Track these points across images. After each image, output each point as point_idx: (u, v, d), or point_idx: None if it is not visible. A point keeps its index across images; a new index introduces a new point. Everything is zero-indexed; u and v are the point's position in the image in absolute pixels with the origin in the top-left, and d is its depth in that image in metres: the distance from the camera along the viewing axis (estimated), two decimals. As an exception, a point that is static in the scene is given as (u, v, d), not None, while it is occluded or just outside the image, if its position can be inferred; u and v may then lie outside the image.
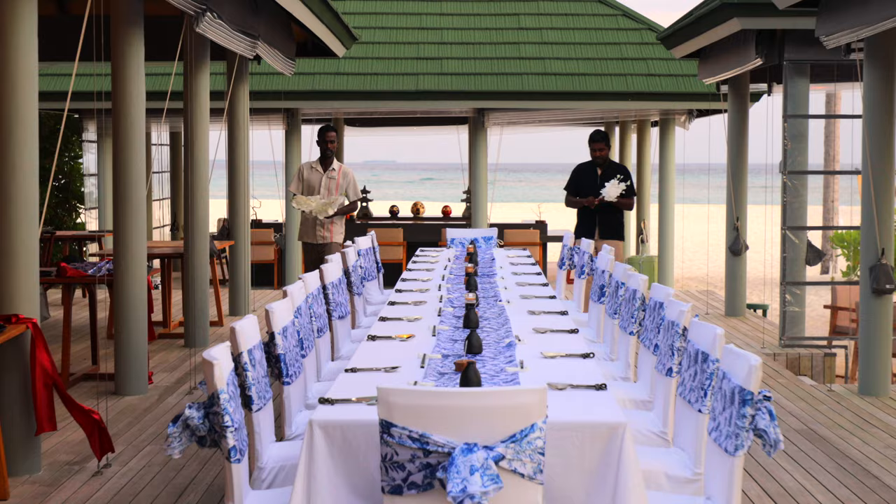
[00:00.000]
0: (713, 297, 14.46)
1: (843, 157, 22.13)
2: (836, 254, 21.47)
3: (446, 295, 7.07)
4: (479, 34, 16.98)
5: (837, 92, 20.30)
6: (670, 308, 5.49)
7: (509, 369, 4.59)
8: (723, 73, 11.49)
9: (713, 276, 21.73)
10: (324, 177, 10.52)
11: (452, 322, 5.96)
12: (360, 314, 8.49)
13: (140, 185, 8.28)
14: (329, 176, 10.52)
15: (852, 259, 18.89)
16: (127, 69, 8.19)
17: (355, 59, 16.20)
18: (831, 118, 10.32)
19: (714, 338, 4.49)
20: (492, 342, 5.30)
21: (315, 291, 6.64)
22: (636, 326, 6.55)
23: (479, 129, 16.26)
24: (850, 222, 24.85)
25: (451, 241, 11.29)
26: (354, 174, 10.77)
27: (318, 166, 10.56)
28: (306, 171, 10.62)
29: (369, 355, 5.06)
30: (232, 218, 12.37)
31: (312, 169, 10.59)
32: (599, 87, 15.68)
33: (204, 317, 10.42)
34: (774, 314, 15.14)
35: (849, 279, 19.85)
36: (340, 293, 7.42)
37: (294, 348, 5.46)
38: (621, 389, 5.97)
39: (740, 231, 12.43)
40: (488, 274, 8.36)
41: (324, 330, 6.62)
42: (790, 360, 10.13)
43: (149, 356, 9.75)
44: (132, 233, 8.23)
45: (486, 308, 6.50)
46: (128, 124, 8.22)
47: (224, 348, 4.20)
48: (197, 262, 10.36)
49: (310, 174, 10.59)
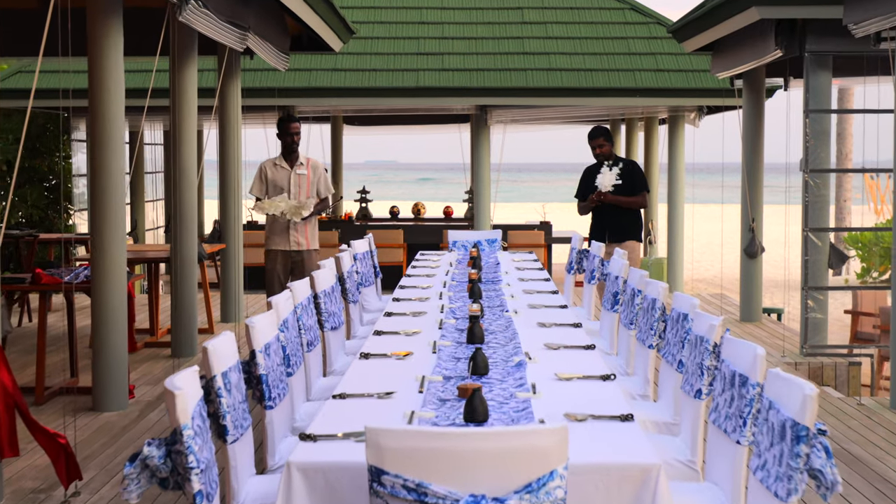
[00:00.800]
0: (726, 301, 13.88)
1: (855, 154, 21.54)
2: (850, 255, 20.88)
3: (448, 304, 6.50)
4: (481, 28, 16.40)
5: (850, 87, 19.72)
6: (698, 321, 4.92)
7: (520, 395, 4.02)
8: (738, 66, 10.91)
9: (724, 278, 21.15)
10: (292, 174, 9.42)
11: (455, 336, 5.40)
12: (355, 323, 7.93)
13: (119, 186, 7.71)
14: (297, 172, 9.45)
15: (867, 260, 18.32)
16: (104, 64, 7.64)
17: (353, 55, 15.63)
18: (860, 113, 9.70)
19: (754, 358, 3.92)
20: (499, 360, 4.73)
21: (305, 301, 6.07)
22: (656, 339, 5.98)
23: (481, 127, 15.67)
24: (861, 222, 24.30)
25: (452, 243, 10.72)
26: (324, 168, 9.81)
27: (282, 163, 9.46)
28: (270, 170, 9.47)
29: (361, 377, 4.49)
30: (223, 220, 11.80)
31: (276, 167, 9.46)
32: (606, 83, 15.11)
33: (192, 325, 9.85)
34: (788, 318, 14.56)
35: (863, 281, 19.28)
36: (333, 302, 6.85)
37: (278, 367, 4.89)
38: (641, 409, 5.40)
39: (756, 233, 11.85)
40: (493, 280, 7.79)
41: (314, 343, 6.05)
42: (812, 370, 9.55)
43: (131, 368, 9.20)
44: (111, 237, 7.67)
45: (491, 319, 5.94)
46: (105, 122, 7.66)
47: (191, 374, 3.63)
48: (184, 266, 9.79)
49: (274, 173, 9.46)
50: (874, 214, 37.25)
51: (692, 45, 12.09)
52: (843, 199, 21.00)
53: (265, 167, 9.52)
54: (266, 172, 9.48)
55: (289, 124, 9.42)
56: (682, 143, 15.90)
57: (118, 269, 7.71)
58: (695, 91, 15.05)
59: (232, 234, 11.70)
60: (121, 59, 7.73)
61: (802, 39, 9.61)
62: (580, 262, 9.59)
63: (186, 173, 9.79)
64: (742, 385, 3.97)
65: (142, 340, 10.46)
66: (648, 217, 17.63)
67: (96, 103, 7.65)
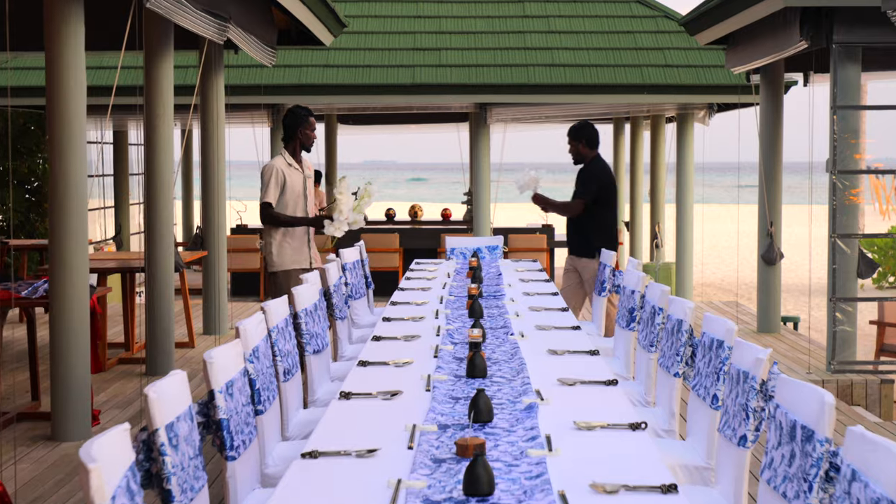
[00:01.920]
0: (741, 310, 13.11)
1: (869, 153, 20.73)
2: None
3: (445, 325, 5.74)
4: (480, 23, 15.63)
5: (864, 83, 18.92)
6: (739, 352, 4.17)
7: (533, 453, 3.26)
8: (758, 59, 10.15)
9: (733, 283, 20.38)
10: (304, 177, 8.01)
11: (452, 367, 4.64)
12: (343, 342, 7.17)
13: (79, 190, 6.95)
14: (308, 175, 8.06)
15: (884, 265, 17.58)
16: (63, 58, 6.89)
17: (346, 51, 14.87)
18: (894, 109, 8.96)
19: (821, 408, 3.17)
20: (505, 401, 3.98)
21: (281, 324, 5.32)
22: (682, 366, 5.23)
23: (480, 126, 14.90)
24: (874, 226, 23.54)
25: (451, 251, 9.96)
26: None
27: (294, 163, 7.92)
28: (286, 173, 7.83)
29: (339, 424, 3.74)
30: (206, 225, 11.05)
31: (291, 168, 7.89)
32: (612, 80, 14.35)
33: (168, 340, 9.10)
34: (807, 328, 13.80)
35: (879, 287, 18.53)
36: (317, 321, 6.09)
37: (244, 408, 4.14)
38: (669, 449, 4.66)
39: (774, 238, 11.10)
40: (495, 294, 7.03)
41: (293, 371, 5.30)
42: (841, 388, 8.80)
43: (100, 388, 8.45)
44: (71, 247, 6.91)
45: (495, 345, 5.18)
46: (64, 121, 6.91)
47: (119, 435, 2.88)
48: (159, 276, 9.04)
49: (291, 176, 7.86)
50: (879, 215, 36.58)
51: (706, 38, 11.34)
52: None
53: (279, 169, 7.80)
54: (283, 176, 7.81)
55: (312, 118, 7.98)
56: (691, 142, 15.12)
57: (79, 282, 6.95)
58: (705, 88, 14.30)
59: (215, 241, 10.94)
60: (81, 52, 6.98)
61: (830, 30, 8.86)
62: (588, 271, 8.85)
63: (161, 176, 9.03)
64: (806, 440, 3.22)
65: (116, 356, 9.70)
66: (655, 219, 16.87)
67: (54, 101, 6.91)
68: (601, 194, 8.79)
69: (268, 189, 7.79)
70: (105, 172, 17.42)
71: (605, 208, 8.82)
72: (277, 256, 7.85)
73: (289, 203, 7.86)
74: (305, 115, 7.95)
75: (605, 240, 8.73)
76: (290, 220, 7.80)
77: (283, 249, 7.86)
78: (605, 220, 8.82)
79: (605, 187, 8.80)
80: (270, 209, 7.79)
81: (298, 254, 7.90)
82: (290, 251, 7.88)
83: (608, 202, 8.85)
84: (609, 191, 8.84)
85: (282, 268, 7.84)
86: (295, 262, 7.90)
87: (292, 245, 7.89)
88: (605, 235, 8.77)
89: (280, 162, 7.89)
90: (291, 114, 7.95)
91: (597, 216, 8.78)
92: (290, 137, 7.95)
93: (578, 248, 8.85)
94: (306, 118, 7.94)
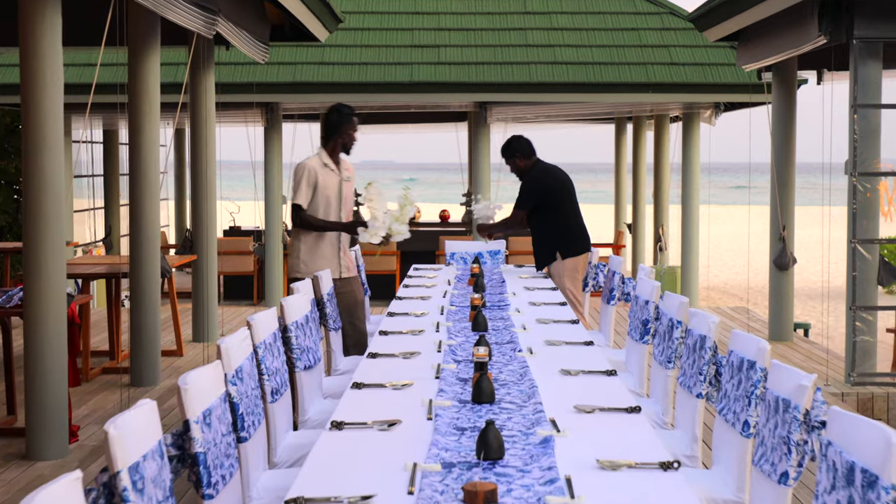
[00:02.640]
0: (751, 316, 12.67)
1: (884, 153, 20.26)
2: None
3: (447, 340, 5.30)
4: (480, 19, 15.19)
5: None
6: (778, 377, 3.73)
7: (552, 501, 2.82)
8: (772, 56, 9.72)
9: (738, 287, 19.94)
10: (342, 180, 7.31)
11: (456, 390, 4.20)
12: (337, 355, 6.74)
13: (56, 192, 6.51)
14: (345, 178, 7.35)
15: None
16: (38, 52, 6.46)
17: (342, 48, 14.43)
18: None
19: (888, 450, 2.73)
20: (517, 432, 3.54)
21: (269, 339, 4.88)
22: (705, 387, 4.80)
23: (480, 126, 14.46)
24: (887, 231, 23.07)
25: (450, 256, 9.53)
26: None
27: (331, 164, 7.24)
28: (320, 174, 7.19)
29: (330, 460, 3.30)
30: (195, 228, 10.61)
31: (326, 169, 7.23)
32: (616, 78, 13.92)
33: (153, 349, 8.66)
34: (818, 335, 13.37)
35: (889, 291, 18.08)
36: (308, 335, 5.66)
37: (224, 437, 3.71)
38: (694, 479, 4.22)
39: (787, 242, 10.68)
40: (499, 304, 6.60)
41: (281, 390, 4.87)
42: (862, 401, 8.37)
43: (82, 400, 8.02)
44: (46, 252, 6.47)
45: (502, 363, 4.74)
46: (39, 119, 6.48)
47: (68, 486, 2.45)
48: (143, 282, 8.60)
49: (325, 177, 7.21)
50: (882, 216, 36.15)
51: (715, 34, 10.92)
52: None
53: (313, 169, 7.17)
54: (316, 176, 7.19)
55: (356, 118, 7.36)
56: (697, 142, 14.69)
57: (55, 289, 6.51)
58: (712, 86, 13.87)
59: (204, 244, 10.51)
60: (58, 46, 6.55)
61: (850, 24, 8.43)
62: (595, 276, 8.42)
63: (146, 177, 8.59)
64: (868, 487, 2.78)
65: (99, 365, 9.27)
66: (659, 222, 16.43)
67: (29, 97, 6.48)
68: (546, 199, 8.18)
69: (299, 190, 7.18)
70: (95, 173, 16.98)
71: (561, 211, 8.23)
72: (306, 262, 7.23)
73: (320, 206, 7.21)
74: (350, 115, 7.32)
75: (572, 245, 8.20)
76: (321, 224, 7.21)
77: (314, 255, 7.24)
78: (567, 223, 8.23)
79: (548, 191, 8.20)
80: (301, 212, 7.19)
81: (329, 262, 7.29)
82: (321, 258, 7.26)
83: (561, 204, 8.23)
84: (555, 193, 8.21)
85: (308, 274, 7.15)
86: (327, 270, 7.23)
87: (323, 252, 7.28)
88: (570, 240, 8.22)
89: (314, 162, 7.22)
90: (336, 111, 7.30)
91: (559, 222, 8.21)
92: (331, 136, 7.27)
93: (545, 259, 8.31)
94: (351, 117, 7.30)
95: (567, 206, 8.30)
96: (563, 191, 8.30)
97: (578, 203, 8.45)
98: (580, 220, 8.38)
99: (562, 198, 8.28)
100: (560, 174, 8.39)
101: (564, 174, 8.44)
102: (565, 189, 8.33)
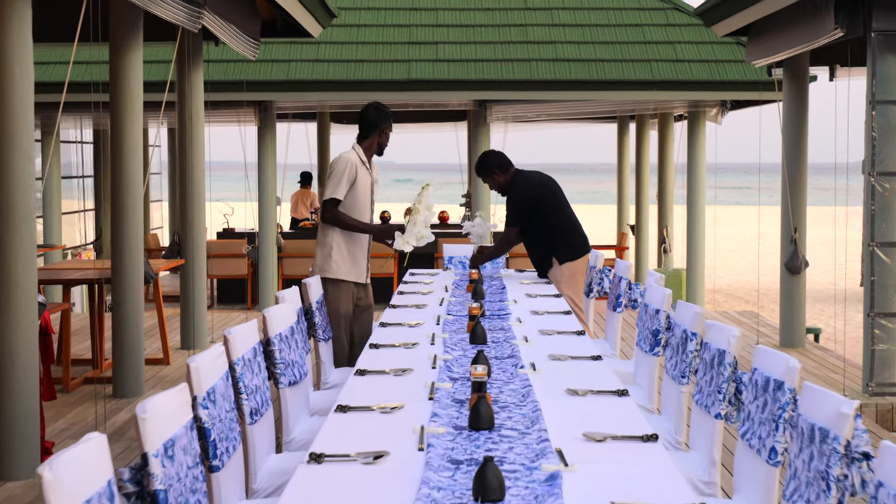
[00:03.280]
0: (761, 321, 12.25)
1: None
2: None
3: (443, 354, 4.89)
4: (480, 15, 14.78)
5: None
6: (812, 401, 3.32)
7: (561, 557, 2.41)
8: (784, 51, 9.31)
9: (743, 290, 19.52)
10: (373, 181, 6.97)
11: (451, 414, 3.79)
12: (327, 367, 6.33)
13: (25, 195, 6.10)
14: (375, 179, 7.03)
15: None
16: (8, 48, 6.06)
17: (337, 44, 14.02)
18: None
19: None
20: (519, 466, 3.13)
21: (249, 354, 4.47)
22: (724, 406, 4.39)
23: (480, 125, 14.04)
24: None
25: (448, 260, 9.13)
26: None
27: (367, 163, 6.89)
28: (359, 170, 6.79)
29: (306, 501, 2.89)
30: (184, 231, 10.20)
31: (363, 166, 6.84)
32: (620, 75, 13.50)
33: (137, 358, 8.26)
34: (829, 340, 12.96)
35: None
36: (293, 348, 5.24)
37: (190, 470, 3.30)
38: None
39: (799, 245, 10.27)
40: (499, 315, 6.18)
41: (262, 410, 4.45)
42: (881, 413, 7.96)
43: (61, 412, 7.62)
44: (15, 259, 6.06)
45: (502, 382, 4.33)
46: (8, 118, 6.07)
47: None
48: (127, 288, 8.19)
49: (362, 176, 6.82)
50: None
51: (724, 29, 10.51)
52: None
53: (354, 164, 6.75)
54: (356, 172, 6.77)
55: (391, 118, 6.96)
56: (702, 141, 14.26)
57: (25, 298, 6.10)
58: (718, 84, 13.44)
59: (193, 247, 10.10)
60: (28, 41, 6.15)
61: (868, 16, 8.01)
62: (600, 281, 8.01)
63: (128, 178, 8.19)
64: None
65: (81, 375, 8.86)
66: (663, 223, 16.01)
67: (-4, 91, 6.06)
68: (536, 209, 7.72)
69: (339, 184, 6.70)
70: (85, 173, 16.58)
71: (553, 217, 7.78)
72: (338, 263, 6.78)
73: (355, 205, 6.79)
74: (389, 114, 6.93)
75: (567, 249, 7.75)
76: (356, 225, 6.78)
77: (343, 256, 6.80)
78: (562, 227, 7.76)
79: (536, 200, 7.72)
80: (336, 207, 6.73)
81: (357, 266, 6.87)
82: (350, 261, 6.82)
83: (552, 210, 7.76)
84: (544, 201, 7.74)
85: (336, 275, 6.77)
86: (351, 274, 6.84)
87: (354, 254, 6.84)
88: (565, 244, 7.76)
89: (355, 157, 6.79)
90: (375, 109, 6.89)
91: (552, 228, 7.75)
92: (369, 133, 6.85)
93: (544, 267, 7.88)
94: (390, 117, 6.92)
95: (558, 210, 7.84)
96: (551, 196, 7.84)
97: (570, 204, 7.99)
98: (574, 221, 7.94)
99: (551, 203, 7.82)
100: (544, 179, 7.93)
101: (548, 178, 7.99)
102: (553, 193, 7.87)
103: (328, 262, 6.82)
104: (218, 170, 11.07)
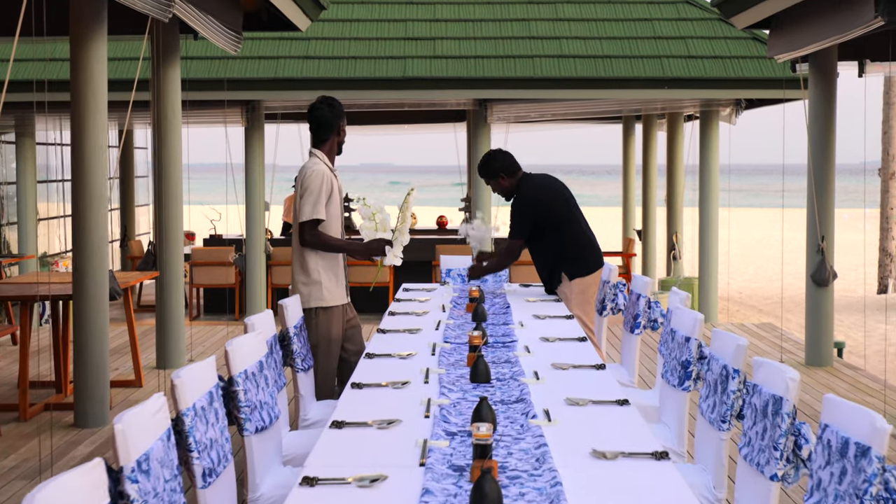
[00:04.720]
0: (783, 336, 11.42)
1: None
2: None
3: (437, 399, 4.09)
4: (480, 9, 13.99)
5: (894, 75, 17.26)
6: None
7: None
8: (813, 43, 8.51)
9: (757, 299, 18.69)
10: (340, 187, 6.13)
11: (447, 490, 2.98)
12: (306, 401, 5.53)
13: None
14: (340, 185, 6.18)
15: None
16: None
17: (329, 41, 13.23)
18: None
19: None
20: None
21: (203, 401, 3.69)
22: (781, 465, 3.60)
23: (480, 126, 13.25)
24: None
25: (446, 273, 8.34)
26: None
27: (334, 170, 6.08)
28: (333, 182, 5.99)
29: None
30: (161, 239, 9.40)
31: (333, 175, 6.03)
32: (628, 73, 12.72)
33: (100, 383, 7.46)
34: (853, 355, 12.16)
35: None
36: (262, 387, 4.44)
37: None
38: None
39: (826, 255, 9.47)
40: (504, 342, 5.38)
41: (218, 469, 3.67)
42: (928, 444, 7.16)
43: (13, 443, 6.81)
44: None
45: (510, 439, 3.52)
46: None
47: None
48: (89, 305, 7.40)
49: (335, 186, 6.02)
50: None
51: (744, 21, 9.71)
52: (890, 207, 18.41)
53: (326, 177, 5.94)
54: (332, 184, 5.96)
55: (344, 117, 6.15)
56: (716, 142, 13.46)
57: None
58: (733, 81, 12.65)
59: (169, 256, 9.30)
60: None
61: (914, 3, 7.22)
62: (614, 298, 7.22)
63: (90, 184, 7.40)
64: None
65: (42, 401, 8.06)
66: (672, 229, 15.21)
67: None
68: (544, 218, 6.93)
69: (318, 202, 5.88)
70: (65, 177, 15.79)
71: (562, 227, 7.00)
72: (330, 290, 5.98)
73: (331, 222, 5.99)
74: (342, 108, 6.12)
75: (579, 263, 6.98)
76: (341, 245, 5.98)
77: (330, 280, 5.99)
78: (573, 238, 6.99)
79: (544, 208, 6.94)
80: (317, 228, 5.90)
81: (341, 285, 6.08)
82: (335, 283, 6.03)
83: (561, 219, 6.98)
84: (553, 209, 6.96)
85: (329, 303, 5.97)
86: (339, 297, 6.04)
87: (336, 274, 6.04)
88: (576, 257, 6.99)
89: (324, 167, 5.95)
90: (329, 106, 6.04)
91: (562, 239, 6.97)
92: (327, 136, 6.02)
93: (552, 283, 7.11)
94: (343, 111, 6.12)
95: (569, 218, 7.03)
96: (561, 204, 7.02)
97: (582, 212, 7.17)
98: (587, 232, 7.13)
99: (561, 211, 7.01)
100: (554, 184, 7.12)
101: (559, 183, 7.18)
102: (563, 201, 7.05)
103: (318, 290, 5.98)
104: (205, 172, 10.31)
